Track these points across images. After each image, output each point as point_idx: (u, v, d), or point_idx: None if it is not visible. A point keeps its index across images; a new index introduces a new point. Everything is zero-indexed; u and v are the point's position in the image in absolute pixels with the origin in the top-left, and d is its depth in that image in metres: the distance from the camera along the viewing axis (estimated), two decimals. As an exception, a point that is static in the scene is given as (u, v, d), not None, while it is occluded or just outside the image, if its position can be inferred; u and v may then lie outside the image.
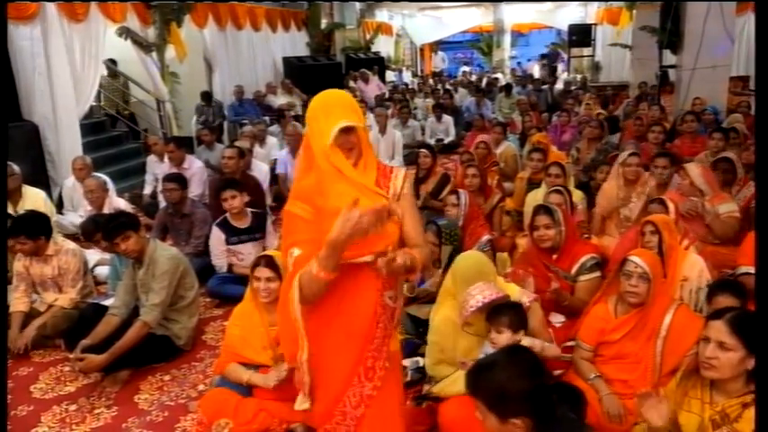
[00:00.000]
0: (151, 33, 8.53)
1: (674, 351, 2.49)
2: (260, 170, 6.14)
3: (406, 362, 3.04)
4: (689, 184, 4.09)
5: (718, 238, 3.96)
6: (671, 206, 3.60)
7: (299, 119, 9.22)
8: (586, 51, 16.87)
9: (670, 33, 9.29)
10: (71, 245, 4.12)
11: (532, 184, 5.17)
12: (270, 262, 2.85)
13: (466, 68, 22.01)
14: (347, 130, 1.83)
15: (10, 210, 4.81)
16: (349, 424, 1.98)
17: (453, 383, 2.65)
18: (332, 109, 1.85)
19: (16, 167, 5.06)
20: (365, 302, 1.92)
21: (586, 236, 4.34)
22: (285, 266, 1.92)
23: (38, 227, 3.88)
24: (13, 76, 6.35)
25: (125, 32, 8.02)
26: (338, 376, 1.97)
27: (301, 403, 2.02)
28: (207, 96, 9.99)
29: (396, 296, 1.98)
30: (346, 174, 1.83)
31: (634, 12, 12.52)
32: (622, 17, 14.22)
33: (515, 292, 2.76)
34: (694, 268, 3.08)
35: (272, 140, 7.89)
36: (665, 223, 3.16)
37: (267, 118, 9.76)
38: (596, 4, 17.61)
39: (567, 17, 19.47)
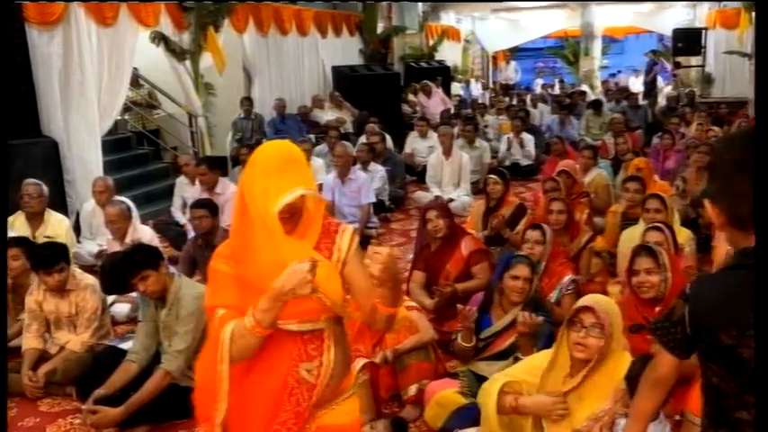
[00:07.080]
0: (185, 39, 8.70)
1: None
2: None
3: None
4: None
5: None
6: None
7: (350, 137, 9.32)
8: (695, 61, 16.57)
9: (801, 39, 9.03)
10: (90, 280, 4.21)
11: (628, 221, 5.08)
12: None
13: (541, 81, 21.89)
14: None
15: (27, 233, 5.03)
16: None
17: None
18: (287, 167, 1.95)
19: (45, 189, 5.26)
20: (276, 372, 2.02)
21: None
22: (212, 327, 2.02)
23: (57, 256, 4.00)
24: (34, 87, 6.52)
25: (159, 38, 8.24)
26: None
27: None
28: (249, 102, 10.02)
29: (316, 369, 2.03)
30: (278, 242, 1.90)
31: (754, 13, 12.26)
32: (741, 20, 13.90)
33: None
34: None
35: (317, 162, 7.91)
36: None
37: (312, 136, 9.89)
38: (707, 4, 17.31)
39: (671, 20, 19.11)
